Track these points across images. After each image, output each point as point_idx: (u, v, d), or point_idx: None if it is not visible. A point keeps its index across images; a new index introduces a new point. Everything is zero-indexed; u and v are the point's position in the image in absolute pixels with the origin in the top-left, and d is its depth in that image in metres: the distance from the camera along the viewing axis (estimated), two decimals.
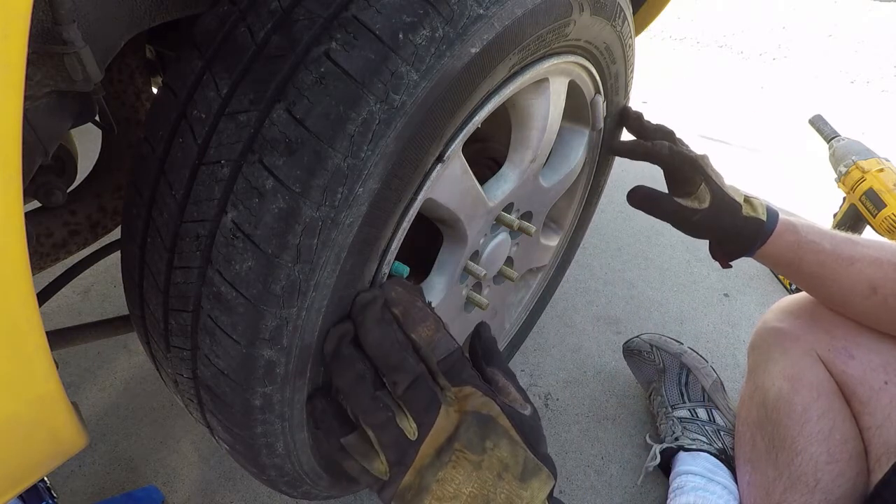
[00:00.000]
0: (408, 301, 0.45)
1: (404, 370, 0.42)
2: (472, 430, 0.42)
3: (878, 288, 0.71)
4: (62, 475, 0.86)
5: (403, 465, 0.42)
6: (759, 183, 1.86)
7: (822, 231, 0.75)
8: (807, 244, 0.74)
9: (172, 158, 0.43)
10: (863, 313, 0.75)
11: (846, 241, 0.74)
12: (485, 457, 0.42)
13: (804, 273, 0.76)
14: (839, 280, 0.73)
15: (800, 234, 0.74)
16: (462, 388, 0.44)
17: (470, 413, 0.43)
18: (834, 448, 0.73)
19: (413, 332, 0.43)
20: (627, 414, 1.04)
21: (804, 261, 0.75)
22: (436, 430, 0.42)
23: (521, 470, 0.42)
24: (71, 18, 0.34)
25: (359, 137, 0.39)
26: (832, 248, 0.73)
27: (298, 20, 0.41)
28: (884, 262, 0.70)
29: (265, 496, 0.85)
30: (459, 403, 0.43)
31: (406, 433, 0.42)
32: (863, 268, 0.71)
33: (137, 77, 0.62)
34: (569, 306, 1.28)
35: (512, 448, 0.43)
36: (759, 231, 0.74)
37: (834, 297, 0.77)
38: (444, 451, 0.42)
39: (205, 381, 0.47)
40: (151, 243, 0.45)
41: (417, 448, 0.42)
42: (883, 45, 3.46)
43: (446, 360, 0.44)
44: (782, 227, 0.74)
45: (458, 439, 0.42)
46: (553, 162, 0.78)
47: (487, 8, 0.43)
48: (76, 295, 1.20)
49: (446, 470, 0.41)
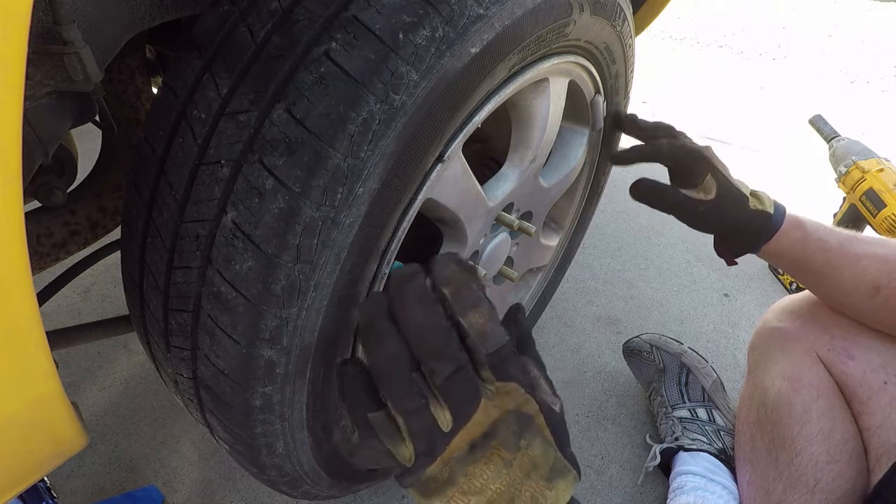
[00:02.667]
0: (462, 281, 0.40)
1: (446, 358, 0.38)
2: (511, 430, 0.40)
3: (882, 287, 0.70)
4: (62, 475, 0.86)
5: (431, 455, 0.39)
6: (759, 183, 1.85)
7: (827, 228, 0.74)
8: (813, 241, 0.72)
9: (172, 158, 0.43)
10: (865, 312, 0.75)
11: (852, 238, 0.72)
12: (517, 455, 0.40)
13: (809, 271, 0.75)
14: (843, 279, 0.72)
15: (806, 230, 0.73)
16: (506, 384, 0.40)
17: (512, 412, 0.40)
18: (834, 448, 0.73)
19: (463, 317, 0.39)
20: (627, 414, 1.04)
21: (809, 258, 0.73)
22: (472, 423, 0.39)
23: (550, 470, 0.41)
24: (71, 18, 0.34)
25: (359, 137, 0.39)
26: (838, 246, 0.72)
27: (298, 20, 0.41)
28: (889, 261, 0.69)
29: (265, 496, 0.85)
30: (501, 399, 0.40)
31: (440, 423, 0.39)
32: (867, 266, 0.70)
33: (137, 77, 0.62)
34: (569, 306, 1.28)
35: (544, 448, 0.41)
36: (766, 225, 0.73)
37: (836, 296, 0.76)
38: (480, 447, 0.39)
39: (205, 381, 0.47)
40: (151, 243, 0.45)
41: (449, 440, 0.39)
42: (883, 45, 3.46)
43: (496, 353, 0.39)
44: (789, 224, 0.73)
45: (495, 437, 0.39)
46: (553, 162, 0.78)
47: (487, 8, 0.43)
48: (76, 295, 1.20)
49: (477, 466, 0.39)
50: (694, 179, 0.73)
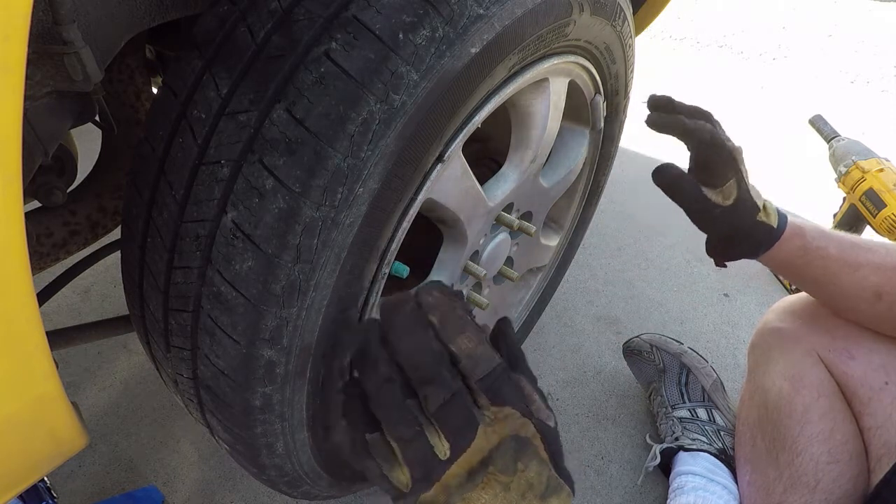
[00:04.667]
0: (447, 307, 0.40)
1: (440, 385, 0.38)
2: (509, 455, 0.39)
3: (884, 294, 0.69)
4: (62, 475, 0.86)
5: (428, 482, 0.39)
6: (759, 183, 1.86)
7: (828, 234, 0.73)
8: (813, 249, 0.71)
9: (172, 158, 0.43)
10: (867, 318, 0.74)
11: (852, 245, 0.72)
12: (514, 478, 0.39)
13: (808, 277, 0.75)
14: (843, 286, 0.72)
15: (806, 238, 0.72)
16: (502, 409, 0.40)
17: (511, 437, 0.40)
18: (835, 448, 0.73)
19: (452, 343, 0.39)
20: (627, 414, 1.04)
21: (809, 266, 0.72)
22: (471, 450, 0.39)
23: (545, 488, 0.40)
24: (71, 18, 0.34)
25: (359, 137, 0.39)
26: (838, 254, 0.71)
27: (298, 20, 0.41)
28: (889, 269, 0.69)
29: (265, 496, 0.85)
30: (499, 424, 0.40)
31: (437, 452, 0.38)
32: (868, 274, 0.70)
33: (137, 77, 0.62)
34: (569, 306, 1.28)
35: (539, 468, 0.40)
36: (768, 237, 0.72)
37: (837, 302, 0.76)
38: (477, 474, 0.39)
39: (205, 381, 0.47)
40: (151, 243, 0.45)
41: (447, 468, 0.38)
42: (883, 45, 3.46)
43: (488, 376, 0.39)
44: (790, 232, 0.72)
45: (493, 463, 0.39)
46: (553, 162, 0.78)
47: (487, 8, 0.43)
48: (76, 295, 1.20)
49: (476, 491, 0.39)
50: (717, 181, 0.69)
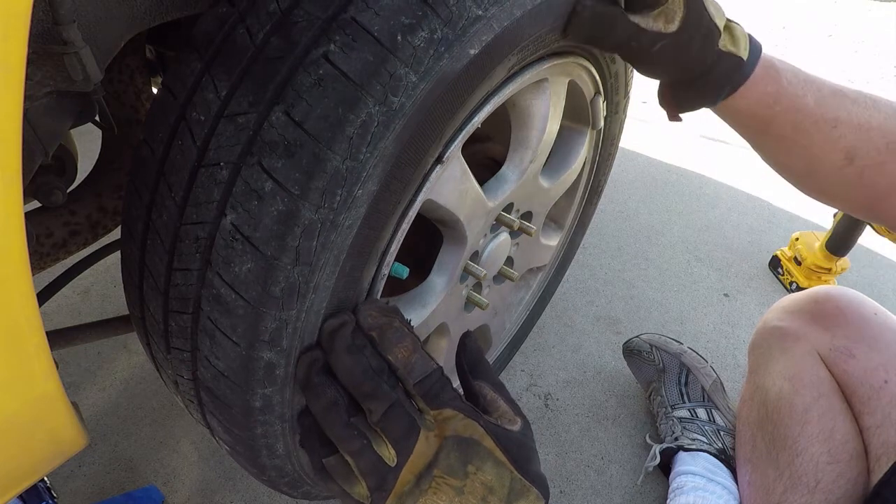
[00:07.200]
0: (384, 323, 0.44)
1: (379, 397, 0.41)
2: (453, 455, 0.41)
3: (856, 158, 0.57)
4: (62, 475, 0.87)
5: (384, 490, 0.41)
6: (759, 183, 1.86)
7: (808, 79, 0.58)
8: (787, 98, 0.57)
9: (172, 160, 0.43)
10: (830, 186, 0.62)
11: (835, 94, 0.58)
12: (467, 481, 0.41)
13: (771, 134, 0.59)
14: (811, 146, 0.58)
15: (781, 83, 0.56)
16: (442, 411, 0.42)
17: (450, 438, 0.42)
18: (835, 448, 0.73)
19: (389, 353, 0.42)
20: (627, 414, 1.05)
21: (775, 119, 0.57)
22: (415, 455, 0.41)
23: (508, 492, 0.42)
24: (71, 18, 0.34)
25: (357, 139, 0.39)
26: (815, 106, 0.57)
27: (297, 22, 0.41)
28: (872, 128, 0.57)
29: (265, 496, 0.85)
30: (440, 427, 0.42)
31: (385, 460, 0.41)
32: (845, 132, 0.57)
33: (137, 77, 0.62)
34: (569, 306, 1.28)
35: (497, 470, 0.42)
36: (733, 74, 0.55)
37: (797, 166, 0.62)
38: (424, 478, 0.41)
39: (205, 383, 0.47)
40: (151, 245, 0.45)
41: (397, 474, 0.41)
42: (883, 45, 3.46)
43: (424, 381, 0.42)
44: (762, 71, 0.55)
45: (437, 465, 0.41)
46: (553, 162, 0.78)
47: (486, 9, 0.43)
48: (76, 295, 1.20)
49: (427, 496, 0.41)
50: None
